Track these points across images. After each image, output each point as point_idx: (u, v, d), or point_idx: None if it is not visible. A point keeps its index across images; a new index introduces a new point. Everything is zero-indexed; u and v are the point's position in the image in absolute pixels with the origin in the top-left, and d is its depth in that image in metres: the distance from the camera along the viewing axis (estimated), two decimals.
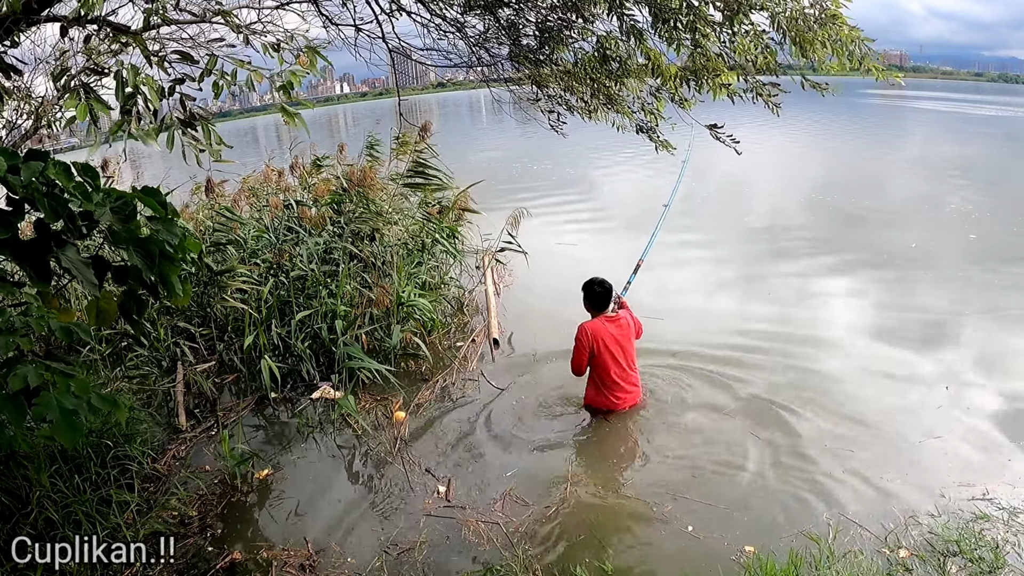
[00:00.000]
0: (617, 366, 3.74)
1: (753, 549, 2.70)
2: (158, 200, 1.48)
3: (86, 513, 2.84)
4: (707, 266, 6.77)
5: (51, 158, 1.38)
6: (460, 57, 3.88)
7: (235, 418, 4.03)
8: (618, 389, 3.77)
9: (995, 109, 28.30)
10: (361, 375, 4.29)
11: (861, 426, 3.63)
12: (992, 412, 3.71)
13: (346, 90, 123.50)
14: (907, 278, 6.15)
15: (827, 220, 8.69)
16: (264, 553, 2.85)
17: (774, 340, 4.79)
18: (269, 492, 3.34)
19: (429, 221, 5.83)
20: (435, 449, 3.67)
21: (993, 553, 2.57)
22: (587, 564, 2.67)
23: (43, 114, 3.06)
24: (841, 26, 2.54)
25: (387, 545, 2.89)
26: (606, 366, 3.73)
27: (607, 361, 3.72)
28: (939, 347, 4.63)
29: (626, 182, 12.28)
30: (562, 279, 6.43)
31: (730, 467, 3.33)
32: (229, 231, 5.25)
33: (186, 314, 4.65)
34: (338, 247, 5.13)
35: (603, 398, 3.80)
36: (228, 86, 2.61)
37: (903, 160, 13.99)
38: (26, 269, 1.37)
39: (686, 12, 2.72)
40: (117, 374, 4.08)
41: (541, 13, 3.34)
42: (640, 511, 3.03)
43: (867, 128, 20.76)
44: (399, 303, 4.75)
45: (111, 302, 1.50)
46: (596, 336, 3.69)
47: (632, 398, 3.84)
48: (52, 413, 1.36)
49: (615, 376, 3.74)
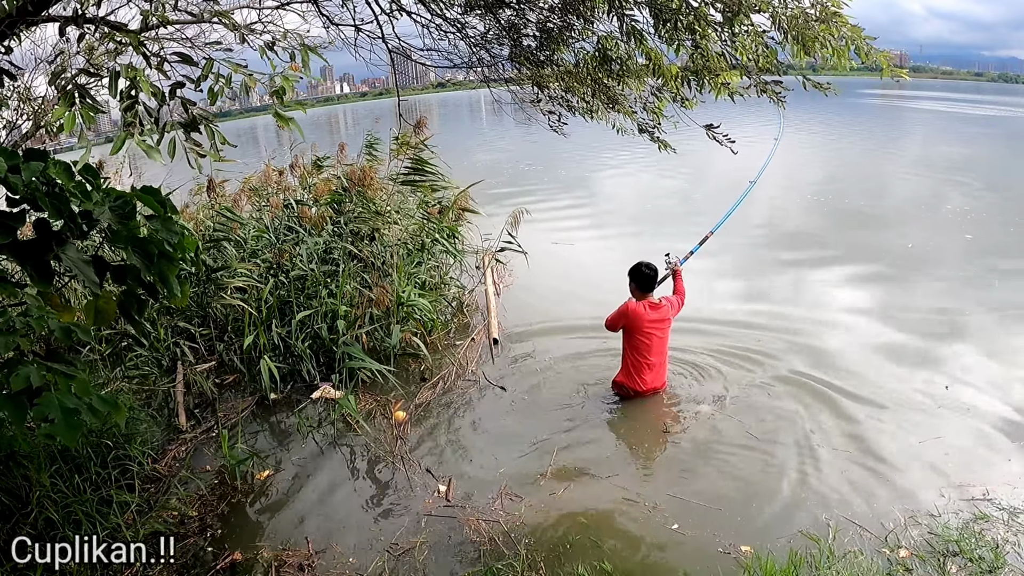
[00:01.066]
0: (647, 350, 3.92)
1: (750, 549, 2.69)
2: (157, 199, 1.48)
3: (86, 513, 2.83)
4: (705, 267, 6.77)
5: (51, 158, 1.38)
6: (460, 58, 3.88)
7: (235, 418, 4.03)
8: (645, 371, 3.95)
9: (995, 109, 28.31)
10: (361, 375, 4.29)
11: (861, 426, 3.63)
12: (992, 412, 3.71)
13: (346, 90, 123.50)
14: (906, 278, 6.16)
15: (826, 220, 8.70)
16: (264, 553, 2.85)
17: (773, 340, 4.79)
18: (269, 492, 3.34)
19: (429, 221, 5.84)
20: (435, 449, 3.67)
21: (993, 553, 2.57)
22: (588, 564, 2.67)
23: (43, 115, 3.06)
24: (842, 25, 2.54)
25: (388, 545, 2.89)
26: (638, 348, 3.92)
27: (640, 343, 3.91)
28: (939, 347, 4.63)
29: (626, 182, 12.29)
30: (562, 279, 6.45)
31: (728, 467, 3.33)
32: (229, 231, 5.25)
33: (186, 314, 4.65)
34: (338, 247, 5.13)
35: (631, 380, 3.98)
36: (222, 92, 2.60)
37: (902, 160, 13.99)
38: (27, 269, 1.37)
39: (686, 12, 2.72)
40: (117, 374, 4.08)
41: (542, 14, 3.34)
42: (638, 510, 3.03)
43: (867, 129, 20.76)
44: (399, 303, 4.75)
45: (110, 302, 1.50)
46: (635, 316, 3.87)
47: (655, 381, 4.00)
48: (53, 412, 1.36)
49: (644, 359, 3.93)
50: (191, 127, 2.59)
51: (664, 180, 11.71)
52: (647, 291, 3.91)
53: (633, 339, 3.92)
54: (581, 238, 8.19)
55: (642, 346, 3.90)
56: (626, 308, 3.90)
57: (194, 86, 2.59)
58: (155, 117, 2.56)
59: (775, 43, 2.76)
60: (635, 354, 3.93)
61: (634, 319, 3.86)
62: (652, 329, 3.88)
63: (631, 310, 3.88)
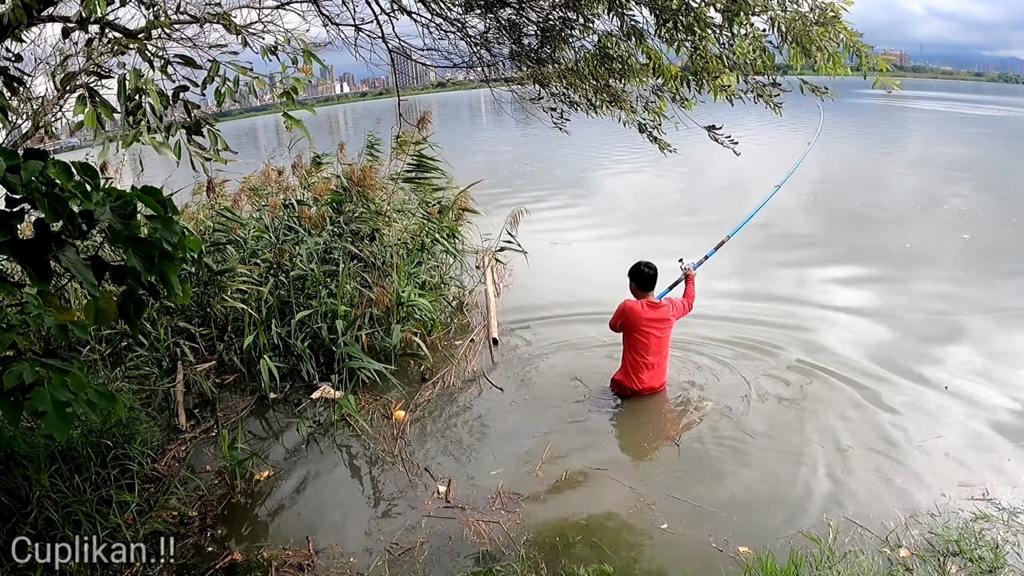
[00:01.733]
0: (645, 349, 3.91)
1: (747, 549, 2.69)
2: (157, 199, 1.48)
3: (86, 513, 2.83)
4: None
5: (51, 158, 1.38)
6: (460, 57, 3.88)
7: (235, 418, 4.03)
8: (643, 371, 3.94)
9: (994, 109, 28.31)
10: (361, 375, 4.29)
11: (861, 426, 3.64)
12: (992, 412, 3.71)
13: (346, 90, 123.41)
14: (905, 278, 6.16)
15: (825, 220, 8.70)
16: (264, 553, 2.85)
17: (771, 340, 4.79)
18: (269, 492, 3.34)
19: (429, 221, 5.84)
20: (435, 448, 3.67)
21: (993, 553, 2.57)
22: (588, 565, 2.67)
23: (42, 115, 3.06)
24: (840, 30, 2.54)
25: (388, 545, 2.89)
26: (636, 347, 3.92)
27: (637, 342, 3.90)
28: (939, 347, 4.63)
29: (625, 183, 12.29)
30: (561, 279, 6.45)
31: (727, 466, 3.33)
32: (229, 231, 5.25)
33: (186, 314, 4.65)
34: (338, 247, 5.13)
35: (628, 379, 3.98)
36: (231, 94, 2.60)
37: (903, 160, 13.99)
38: (26, 268, 1.37)
39: (685, 12, 2.72)
40: (117, 374, 4.08)
41: (543, 13, 3.35)
42: (638, 510, 3.02)
43: (866, 129, 20.76)
44: (399, 303, 4.75)
45: (110, 302, 1.50)
46: (632, 314, 3.88)
47: (652, 381, 3.98)
48: (45, 405, 1.36)
49: (642, 359, 3.92)
50: (194, 130, 2.59)
51: (662, 180, 11.70)
52: (647, 290, 3.92)
53: (631, 338, 3.93)
54: (580, 238, 8.19)
55: (640, 345, 3.90)
56: (624, 306, 3.92)
57: (200, 89, 2.59)
58: (160, 116, 2.56)
59: (773, 47, 2.77)
60: (633, 353, 3.94)
61: (632, 317, 3.87)
62: (650, 328, 3.87)
63: (628, 308, 3.89)
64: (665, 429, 3.74)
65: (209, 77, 2.54)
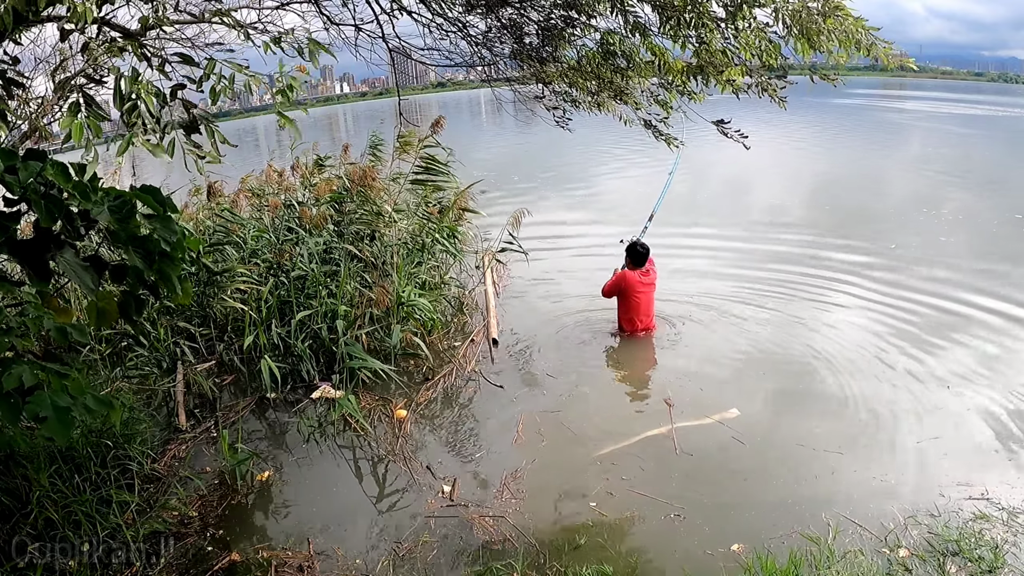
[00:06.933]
0: (638, 307, 4.93)
1: (749, 548, 2.69)
2: (156, 198, 1.47)
3: (86, 513, 2.83)
4: (698, 265, 6.77)
5: (49, 158, 1.37)
6: (461, 57, 3.87)
7: (235, 418, 4.03)
8: (639, 319, 4.97)
9: (994, 109, 28.26)
10: (361, 375, 4.29)
11: (861, 426, 3.63)
12: (992, 412, 3.70)
13: (346, 90, 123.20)
14: (905, 278, 6.14)
15: (825, 220, 8.68)
16: (264, 554, 2.85)
17: (771, 340, 4.79)
18: (269, 492, 3.34)
19: (429, 221, 5.82)
20: (436, 448, 3.67)
21: (993, 553, 2.57)
22: (590, 564, 2.67)
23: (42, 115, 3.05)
24: (846, 17, 2.54)
25: (392, 545, 2.89)
26: (633, 306, 4.94)
27: (632, 302, 4.93)
28: (939, 347, 4.62)
29: (624, 183, 12.27)
30: (560, 278, 6.45)
31: (728, 466, 3.33)
32: (229, 232, 5.24)
33: (186, 314, 4.64)
34: (338, 247, 5.13)
35: (629, 324, 4.99)
36: (226, 91, 2.60)
37: (902, 161, 13.98)
38: (25, 269, 1.37)
39: (689, 8, 2.72)
40: (117, 374, 4.07)
41: (544, 12, 3.34)
42: (639, 508, 3.03)
43: (865, 129, 20.73)
44: (399, 303, 4.75)
45: (111, 302, 1.49)
46: (630, 283, 4.89)
47: (647, 324, 5.01)
48: (46, 410, 1.36)
49: (636, 313, 4.94)
50: (191, 128, 2.58)
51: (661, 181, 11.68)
52: (639, 265, 4.89)
53: (628, 300, 4.92)
54: (579, 237, 8.17)
55: (633, 304, 4.91)
56: (623, 276, 4.88)
57: (196, 87, 2.59)
58: (156, 117, 2.56)
59: (779, 38, 2.76)
60: (630, 311, 4.94)
61: (629, 285, 4.88)
62: (642, 292, 4.89)
63: (628, 277, 4.86)
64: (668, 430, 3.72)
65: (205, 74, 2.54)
